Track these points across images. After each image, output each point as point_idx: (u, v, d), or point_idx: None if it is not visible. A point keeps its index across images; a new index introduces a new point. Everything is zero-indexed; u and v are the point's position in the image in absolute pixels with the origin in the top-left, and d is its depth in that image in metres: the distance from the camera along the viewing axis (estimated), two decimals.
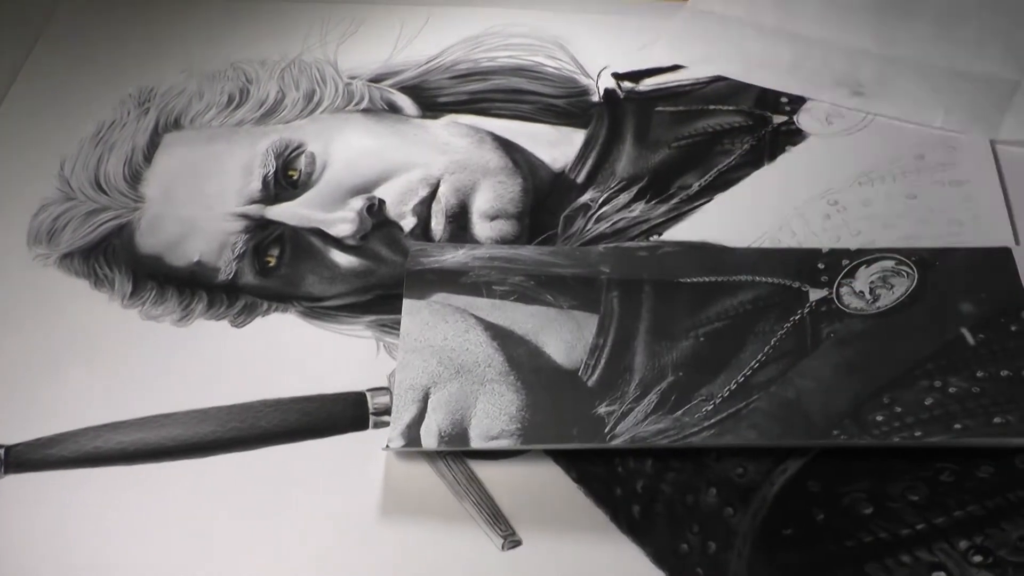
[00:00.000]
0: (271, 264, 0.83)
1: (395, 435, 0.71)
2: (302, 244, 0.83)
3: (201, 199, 0.86)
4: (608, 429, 0.71)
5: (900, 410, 0.70)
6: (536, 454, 0.72)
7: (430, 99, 0.93)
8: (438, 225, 0.83)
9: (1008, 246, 0.79)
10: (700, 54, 0.94)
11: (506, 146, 0.88)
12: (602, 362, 0.74)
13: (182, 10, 1.02)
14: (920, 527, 0.66)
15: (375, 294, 0.82)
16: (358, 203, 0.83)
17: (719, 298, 0.77)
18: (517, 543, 0.68)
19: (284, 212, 0.84)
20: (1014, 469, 0.69)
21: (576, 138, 0.90)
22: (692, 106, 0.91)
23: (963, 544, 0.66)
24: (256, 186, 0.85)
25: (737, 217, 0.83)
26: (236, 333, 0.80)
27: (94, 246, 0.85)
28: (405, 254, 0.81)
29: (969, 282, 0.76)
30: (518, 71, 0.95)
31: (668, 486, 0.70)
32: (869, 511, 0.67)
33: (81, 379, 0.78)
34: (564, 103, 0.93)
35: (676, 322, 0.76)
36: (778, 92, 0.91)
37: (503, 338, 0.76)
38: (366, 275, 0.83)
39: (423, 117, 0.92)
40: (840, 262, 0.78)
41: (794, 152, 0.88)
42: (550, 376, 0.74)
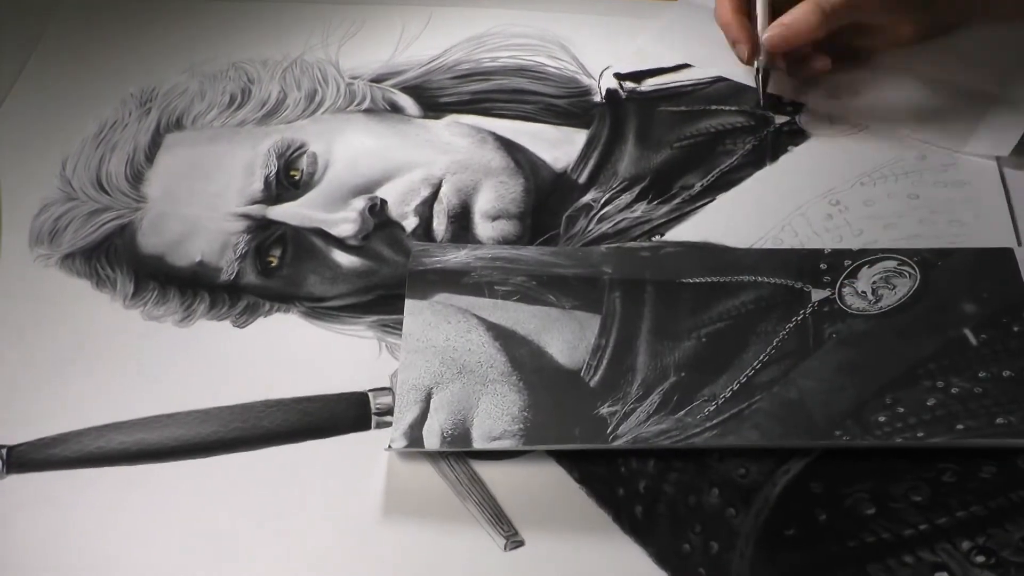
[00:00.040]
0: (273, 264, 0.83)
1: (397, 435, 0.71)
2: (304, 244, 0.83)
3: (203, 199, 0.86)
4: (610, 430, 0.71)
5: (902, 410, 0.70)
6: (538, 454, 0.72)
7: (432, 99, 0.93)
8: (440, 225, 0.83)
9: (1010, 247, 0.79)
10: (702, 54, 0.94)
11: (508, 146, 0.88)
12: (604, 362, 0.74)
13: (184, 10, 1.02)
14: (923, 527, 0.66)
15: (377, 294, 0.82)
16: (360, 203, 0.84)
17: (721, 298, 0.77)
18: (520, 543, 0.68)
19: (286, 212, 0.84)
20: (1016, 469, 0.68)
21: (578, 138, 0.90)
22: (694, 106, 0.91)
23: (966, 544, 0.65)
24: (258, 186, 0.85)
25: (739, 217, 0.83)
26: (238, 333, 0.80)
27: (96, 246, 0.85)
28: (407, 254, 0.81)
29: (971, 282, 0.76)
30: (520, 71, 0.95)
31: (670, 486, 0.69)
32: (871, 511, 0.67)
33: (83, 380, 0.77)
34: (566, 103, 0.93)
35: (678, 322, 0.76)
36: (779, 93, 0.91)
37: (505, 338, 0.76)
38: (368, 275, 0.83)
39: (425, 117, 0.92)
40: (842, 262, 0.78)
41: (796, 152, 0.88)
42: (552, 376, 0.74)
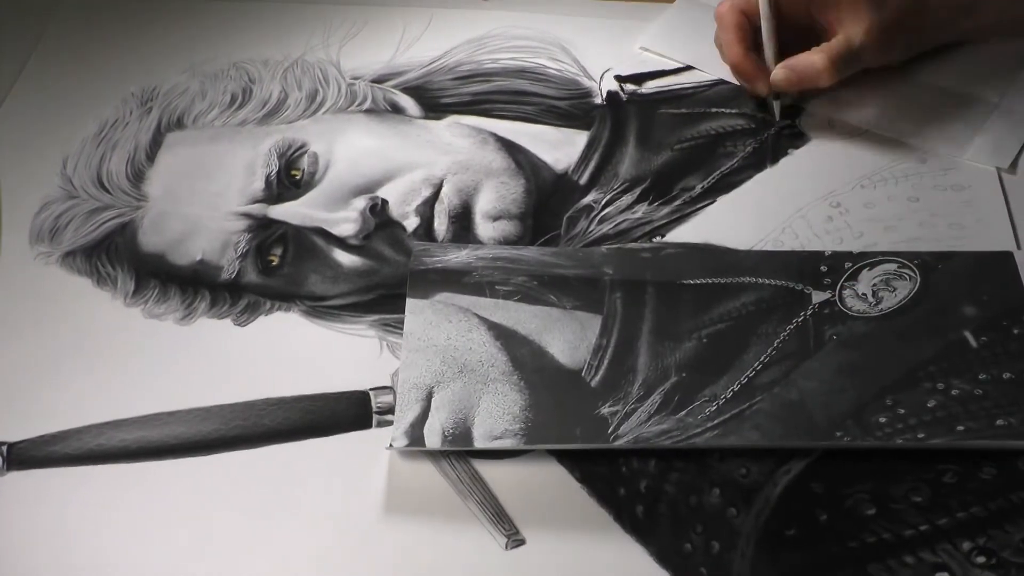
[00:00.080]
0: (274, 263, 0.83)
1: (399, 434, 0.71)
2: (305, 243, 0.83)
3: (204, 198, 0.86)
4: (612, 429, 0.71)
5: (903, 412, 0.70)
6: (540, 454, 0.72)
7: (433, 100, 0.93)
8: (441, 225, 0.84)
9: (1010, 250, 0.79)
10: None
11: (509, 147, 0.88)
12: (605, 363, 0.74)
13: (185, 9, 1.02)
14: (923, 528, 0.66)
15: (378, 293, 0.82)
16: (361, 203, 0.84)
17: (722, 299, 0.77)
18: (521, 542, 0.68)
19: (287, 211, 0.84)
20: (1016, 471, 0.69)
21: (579, 140, 0.90)
22: (695, 108, 0.91)
23: (966, 545, 0.66)
24: (259, 185, 0.85)
25: (740, 219, 0.84)
26: (239, 332, 0.80)
27: (96, 244, 0.85)
28: (408, 254, 0.81)
29: (971, 285, 0.76)
30: (521, 73, 0.95)
31: (671, 486, 0.70)
32: (872, 512, 0.67)
33: (84, 377, 0.77)
34: (567, 105, 0.93)
35: (679, 323, 0.76)
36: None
37: (506, 338, 0.76)
38: (369, 275, 0.83)
39: (426, 118, 0.92)
40: (843, 264, 0.78)
41: (796, 155, 0.88)
42: (553, 376, 0.74)
